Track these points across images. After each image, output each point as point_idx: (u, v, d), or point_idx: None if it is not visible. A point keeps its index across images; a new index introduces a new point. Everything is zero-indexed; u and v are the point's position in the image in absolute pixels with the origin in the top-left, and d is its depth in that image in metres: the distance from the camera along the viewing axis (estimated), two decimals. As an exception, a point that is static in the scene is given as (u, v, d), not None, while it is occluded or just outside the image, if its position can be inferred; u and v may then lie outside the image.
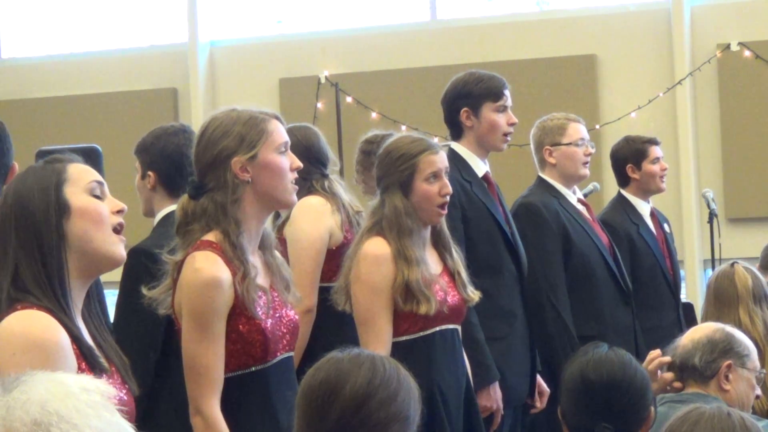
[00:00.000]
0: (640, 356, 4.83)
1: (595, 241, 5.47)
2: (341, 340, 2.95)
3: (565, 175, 5.49)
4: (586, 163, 5.51)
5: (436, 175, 4.12)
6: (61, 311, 2.56)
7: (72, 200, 2.63)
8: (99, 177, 2.70)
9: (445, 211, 4.16)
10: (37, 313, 2.53)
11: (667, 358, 3.52)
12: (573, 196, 5.52)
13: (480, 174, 4.91)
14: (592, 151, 5.56)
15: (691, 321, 6.18)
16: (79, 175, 2.67)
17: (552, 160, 5.46)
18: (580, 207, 5.52)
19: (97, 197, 2.67)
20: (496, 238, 4.85)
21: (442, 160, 4.16)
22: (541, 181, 5.51)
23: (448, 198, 4.14)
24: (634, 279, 5.74)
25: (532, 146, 5.57)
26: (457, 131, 4.96)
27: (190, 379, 3.29)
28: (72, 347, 2.54)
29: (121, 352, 2.73)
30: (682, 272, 7.12)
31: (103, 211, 2.66)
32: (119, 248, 2.68)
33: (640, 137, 6.20)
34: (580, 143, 5.48)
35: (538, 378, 4.99)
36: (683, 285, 8.02)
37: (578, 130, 5.51)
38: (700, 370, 3.46)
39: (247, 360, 3.31)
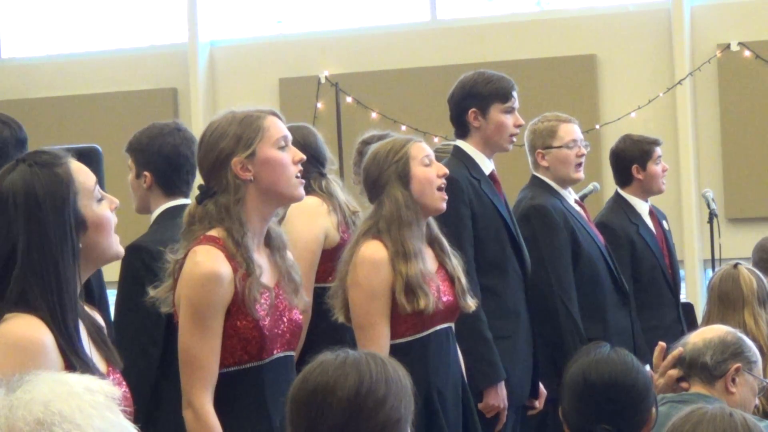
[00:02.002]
0: (639, 358, 4.83)
1: (597, 242, 5.46)
2: (337, 341, 2.93)
3: (558, 177, 5.45)
4: (580, 164, 5.44)
5: (429, 159, 4.14)
6: (60, 323, 2.54)
7: (86, 214, 2.64)
8: (93, 176, 2.71)
9: (446, 197, 4.16)
10: (21, 315, 2.53)
11: (680, 350, 3.50)
12: (570, 196, 5.51)
13: (487, 172, 4.90)
14: (586, 151, 5.52)
15: (691, 321, 6.17)
16: (86, 182, 2.66)
17: (545, 164, 5.42)
18: (577, 208, 5.51)
19: (99, 200, 2.69)
20: (503, 237, 4.85)
21: (428, 148, 4.19)
22: (538, 181, 5.46)
23: (445, 180, 4.15)
24: (634, 280, 5.73)
25: (525, 147, 5.55)
26: (463, 130, 4.95)
27: (184, 372, 3.30)
28: (57, 347, 2.53)
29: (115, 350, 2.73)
30: (681, 272, 7.12)
31: (112, 218, 2.70)
32: (120, 247, 2.74)
33: (645, 138, 6.15)
34: (571, 145, 5.42)
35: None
36: (683, 285, 8.01)
37: (569, 131, 5.45)
38: (710, 368, 3.44)
39: (242, 356, 3.31)
